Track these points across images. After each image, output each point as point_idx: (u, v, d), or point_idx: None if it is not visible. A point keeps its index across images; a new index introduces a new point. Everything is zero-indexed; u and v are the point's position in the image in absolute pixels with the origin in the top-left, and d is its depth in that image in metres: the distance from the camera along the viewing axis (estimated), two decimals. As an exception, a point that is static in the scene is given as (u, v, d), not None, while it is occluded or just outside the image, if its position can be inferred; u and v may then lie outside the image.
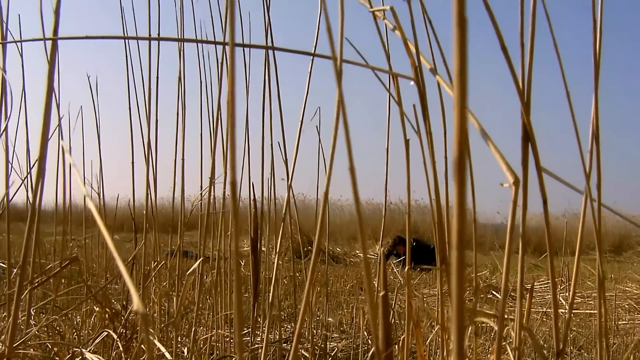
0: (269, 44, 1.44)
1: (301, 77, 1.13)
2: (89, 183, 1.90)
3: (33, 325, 1.34)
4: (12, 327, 0.64)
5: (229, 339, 1.57)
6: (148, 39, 1.65)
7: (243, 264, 4.07)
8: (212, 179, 1.35)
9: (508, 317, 0.73)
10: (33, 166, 1.17)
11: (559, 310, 2.26)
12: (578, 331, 2.48)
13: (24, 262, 0.66)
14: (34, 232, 0.73)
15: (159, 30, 1.63)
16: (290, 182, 1.14)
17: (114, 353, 1.23)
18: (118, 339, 1.19)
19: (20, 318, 1.18)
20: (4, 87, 1.02)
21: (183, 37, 1.69)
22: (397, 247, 5.80)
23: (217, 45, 1.57)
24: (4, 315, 1.49)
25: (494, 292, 3.73)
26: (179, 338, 1.57)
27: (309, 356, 1.39)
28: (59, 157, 1.70)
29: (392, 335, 1.04)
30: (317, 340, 1.80)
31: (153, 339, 1.19)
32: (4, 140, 1.12)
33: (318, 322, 1.97)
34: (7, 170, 1.13)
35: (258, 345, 1.43)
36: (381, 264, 0.72)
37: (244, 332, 1.87)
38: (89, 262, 2.33)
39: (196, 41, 1.78)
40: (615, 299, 3.12)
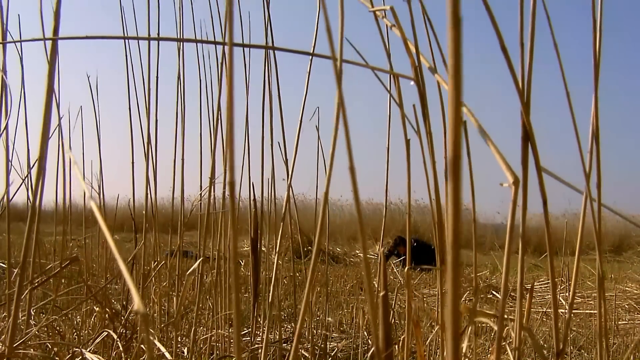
0: (269, 44, 1.44)
1: (301, 77, 1.13)
2: (89, 183, 1.90)
3: (33, 325, 1.34)
4: (12, 327, 0.64)
5: (229, 339, 1.57)
6: (148, 39, 1.65)
7: (243, 264, 4.07)
8: (212, 179, 1.35)
9: (508, 317, 0.72)
10: (33, 166, 1.17)
11: (559, 310, 2.26)
12: (578, 331, 2.48)
13: (24, 262, 0.66)
14: (34, 232, 0.73)
15: (158, 30, 1.63)
16: (290, 182, 1.14)
17: (114, 353, 1.23)
18: (118, 339, 1.19)
19: (20, 318, 1.18)
20: (3, 87, 1.02)
21: (183, 37, 1.69)
22: (398, 247, 5.79)
23: (217, 45, 1.57)
24: (4, 315, 1.49)
25: (494, 292, 3.73)
26: (179, 338, 1.57)
27: (309, 356, 1.39)
28: (59, 156, 1.70)
29: (392, 335, 1.04)
30: (317, 340, 1.80)
31: (153, 339, 1.19)
32: (4, 140, 1.12)
33: (318, 322, 1.97)
34: (7, 169, 1.13)
35: (258, 345, 1.43)
36: (381, 264, 0.72)
37: (244, 332, 1.87)
38: (89, 262, 2.33)
39: (196, 41, 1.78)
40: (615, 299, 3.12)
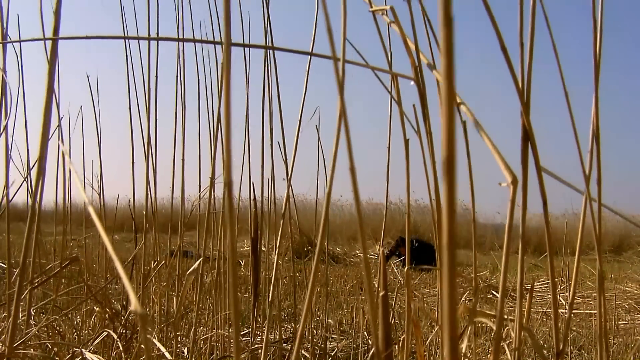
0: (269, 44, 1.44)
1: (301, 76, 1.14)
2: (89, 183, 1.90)
3: (33, 325, 1.34)
4: (12, 327, 0.64)
5: (229, 339, 1.57)
6: (148, 39, 1.65)
7: (243, 264, 4.07)
8: (213, 179, 1.35)
9: (508, 317, 0.72)
10: (33, 166, 1.17)
11: (559, 310, 2.26)
12: (578, 331, 2.48)
13: (23, 262, 0.66)
14: (34, 232, 0.73)
15: (158, 30, 1.63)
16: (290, 182, 1.14)
17: (114, 353, 1.23)
18: (118, 339, 1.19)
19: (20, 318, 1.18)
20: (3, 87, 1.02)
21: (183, 37, 1.69)
22: (400, 248, 5.79)
23: (217, 45, 1.57)
24: (4, 315, 1.49)
25: (494, 292, 3.73)
26: (179, 338, 1.57)
27: (309, 356, 1.39)
28: (59, 157, 1.70)
29: (392, 335, 1.04)
30: (317, 340, 1.80)
31: (153, 339, 1.19)
32: (4, 140, 1.12)
33: (318, 322, 1.96)
34: (7, 169, 1.13)
35: (258, 345, 1.43)
36: (381, 264, 0.72)
37: (245, 332, 1.87)
38: (89, 262, 2.33)
39: (195, 41, 1.78)
40: (615, 299, 3.12)
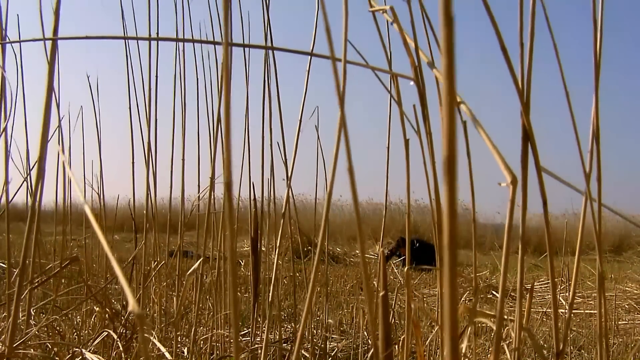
0: (269, 44, 1.44)
1: (301, 76, 1.14)
2: (89, 183, 1.90)
3: (33, 325, 1.34)
4: (12, 327, 0.64)
5: (229, 339, 1.57)
6: (148, 39, 1.65)
7: (243, 264, 4.07)
8: (212, 179, 1.35)
9: (508, 317, 0.72)
10: (33, 167, 1.17)
11: (559, 310, 2.26)
12: (578, 331, 2.48)
13: (23, 262, 0.66)
14: (33, 232, 0.73)
15: (158, 30, 1.63)
16: (289, 182, 1.14)
17: (114, 353, 1.23)
18: (118, 339, 1.19)
19: (20, 318, 1.18)
20: (3, 86, 1.02)
21: (183, 37, 1.69)
22: (400, 248, 5.79)
23: (217, 46, 1.57)
24: (4, 315, 1.49)
25: (494, 292, 3.73)
26: (179, 338, 1.57)
27: (309, 356, 1.39)
28: (59, 157, 1.70)
29: (392, 335, 1.04)
30: (317, 340, 1.80)
31: (153, 339, 1.19)
32: (4, 140, 1.12)
33: (318, 322, 1.96)
34: (7, 170, 1.13)
35: (258, 345, 1.43)
36: (381, 264, 0.72)
37: (245, 332, 1.87)
38: (89, 262, 2.33)
39: (195, 41, 1.78)
40: (615, 299, 3.12)
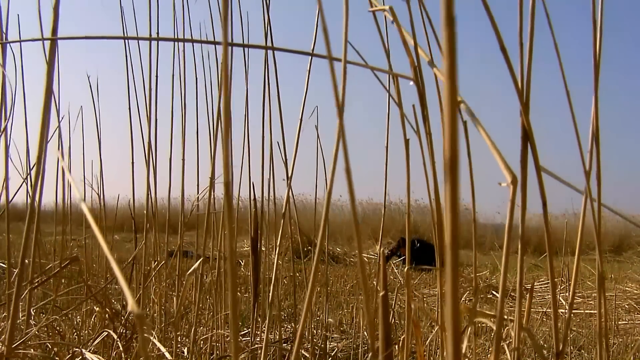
0: (269, 44, 1.44)
1: (301, 76, 1.14)
2: (89, 183, 1.90)
3: (33, 325, 1.34)
4: (11, 327, 0.64)
5: (229, 339, 1.57)
6: (148, 39, 1.65)
7: (243, 264, 4.07)
8: (212, 179, 1.35)
9: (508, 317, 0.72)
10: (33, 167, 1.17)
11: (559, 310, 2.26)
12: (578, 331, 2.48)
13: (22, 262, 0.66)
14: (32, 232, 0.73)
15: (158, 30, 1.63)
16: (290, 182, 1.14)
17: (114, 353, 1.23)
18: (118, 339, 1.19)
19: (20, 318, 1.18)
20: (3, 86, 1.02)
21: (183, 37, 1.69)
22: (401, 249, 5.79)
23: (217, 45, 1.57)
24: (4, 315, 1.49)
25: (494, 292, 3.73)
26: (179, 338, 1.57)
27: (309, 356, 1.39)
28: (59, 157, 1.70)
29: (392, 335, 1.04)
30: (317, 340, 1.80)
31: (153, 339, 1.19)
32: (4, 140, 1.12)
33: (318, 322, 1.96)
34: (7, 170, 1.13)
35: (258, 346, 1.43)
36: (381, 264, 0.72)
37: (245, 332, 1.87)
38: (89, 262, 2.33)
39: (195, 41, 1.78)
40: (615, 299, 3.12)
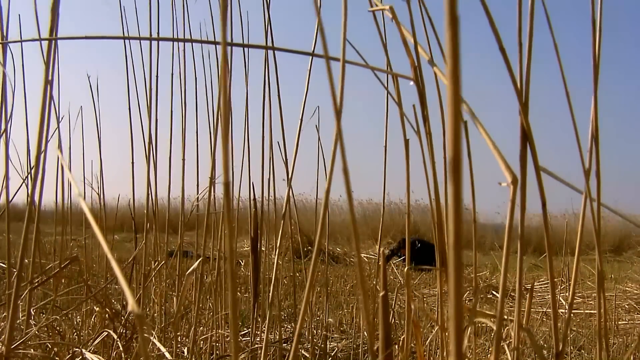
0: (269, 44, 1.44)
1: (301, 76, 1.14)
2: (89, 183, 1.90)
3: (33, 325, 1.34)
4: (11, 327, 0.64)
5: (229, 339, 1.57)
6: (148, 39, 1.65)
7: (243, 264, 4.07)
8: (212, 179, 1.35)
9: (508, 317, 0.72)
10: (33, 167, 1.17)
11: (559, 310, 2.26)
12: (578, 331, 2.48)
13: (21, 262, 0.66)
14: (32, 232, 0.73)
15: (158, 30, 1.63)
16: (290, 182, 1.14)
17: (114, 353, 1.23)
18: (118, 339, 1.19)
19: (20, 318, 1.18)
20: (4, 86, 1.02)
21: (184, 37, 1.69)
22: (402, 249, 5.79)
23: (218, 45, 1.57)
24: (3, 315, 1.49)
25: (494, 292, 3.73)
26: (179, 338, 1.57)
27: (309, 356, 1.39)
28: (59, 157, 1.70)
29: (392, 335, 1.04)
30: (317, 340, 1.80)
31: (153, 339, 1.19)
32: (4, 140, 1.12)
33: (318, 322, 1.96)
34: (7, 170, 1.13)
35: (258, 345, 1.43)
36: (381, 264, 0.72)
37: (245, 332, 1.87)
38: (89, 262, 2.33)
39: (195, 41, 1.78)
40: (615, 299, 3.12)
